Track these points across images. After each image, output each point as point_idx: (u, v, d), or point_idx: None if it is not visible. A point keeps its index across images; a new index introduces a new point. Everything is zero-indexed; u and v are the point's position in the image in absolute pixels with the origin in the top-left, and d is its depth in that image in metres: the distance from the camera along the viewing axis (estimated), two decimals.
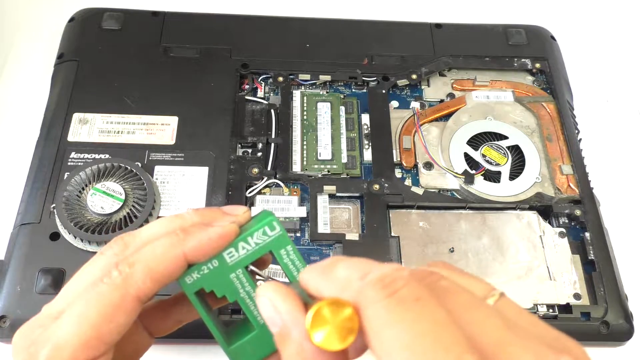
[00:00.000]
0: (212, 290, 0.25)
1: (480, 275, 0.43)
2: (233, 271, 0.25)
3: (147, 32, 0.54)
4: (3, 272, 0.41)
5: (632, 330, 0.42)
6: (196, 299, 0.25)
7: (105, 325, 0.22)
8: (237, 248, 0.24)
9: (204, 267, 0.24)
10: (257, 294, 0.23)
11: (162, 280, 0.23)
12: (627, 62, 0.62)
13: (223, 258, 0.24)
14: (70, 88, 0.49)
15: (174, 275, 0.24)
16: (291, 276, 0.25)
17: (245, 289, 0.25)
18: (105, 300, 0.22)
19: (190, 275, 0.24)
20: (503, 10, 0.64)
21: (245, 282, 0.25)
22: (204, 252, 0.24)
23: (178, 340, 0.42)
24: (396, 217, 0.45)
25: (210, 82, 0.51)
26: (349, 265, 0.21)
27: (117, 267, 0.23)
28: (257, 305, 0.23)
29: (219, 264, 0.24)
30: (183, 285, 0.24)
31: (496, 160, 0.49)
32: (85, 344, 0.22)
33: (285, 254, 0.25)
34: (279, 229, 0.25)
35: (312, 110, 0.51)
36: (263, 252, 0.25)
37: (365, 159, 0.49)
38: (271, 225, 0.25)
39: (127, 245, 0.24)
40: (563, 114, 0.51)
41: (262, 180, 0.46)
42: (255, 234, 0.25)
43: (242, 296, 0.25)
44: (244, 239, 0.24)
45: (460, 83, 0.54)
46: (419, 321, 0.18)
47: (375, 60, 0.54)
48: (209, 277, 0.24)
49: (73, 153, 0.46)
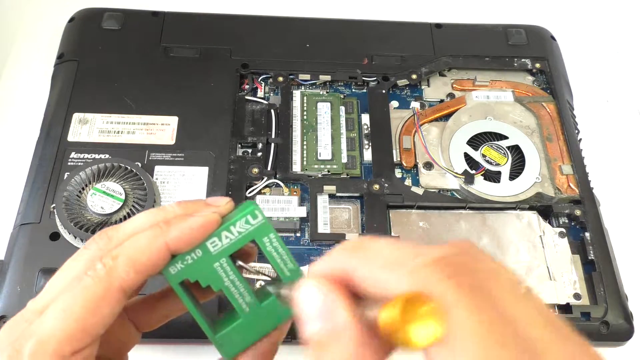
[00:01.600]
0: (196, 280, 0.25)
1: None
2: (217, 260, 0.25)
3: (147, 32, 0.54)
4: (3, 272, 0.41)
5: (632, 330, 0.42)
6: (181, 290, 0.25)
7: (89, 318, 0.22)
8: (220, 237, 0.25)
9: (187, 257, 0.24)
10: (299, 285, 0.20)
11: (146, 271, 0.23)
12: (627, 62, 0.62)
13: (206, 247, 0.25)
14: (70, 88, 0.49)
15: (158, 266, 0.24)
16: (275, 264, 0.25)
17: (229, 277, 0.25)
18: (89, 293, 0.22)
19: (174, 265, 0.24)
20: (503, 10, 0.64)
21: (229, 271, 0.25)
22: (186, 241, 0.24)
23: (176, 340, 0.42)
24: (396, 217, 0.45)
25: (210, 82, 0.51)
26: (393, 246, 0.19)
27: (101, 260, 0.23)
28: (298, 298, 0.20)
29: (202, 254, 0.25)
30: (167, 276, 0.25)
31: (496, 160, 0.49)
32: (69, 336, 0.22)
33: (268, 242, 0.25)
34: (261, 218, 0.25)
35: (312, 110, 0.51)
36: (246, 240, 0.25)
37: (365, 159, 0.49)
38: (253, 214, 0.25)
39: (111, 238, 0.24)
40: (563, 114, 0.51)
41: (262, 180, 0.46)
42: (238, 222, 0.25)
43: (226, 285, 0.25)
44: (227, 228, 0.25)
45: (460, 83, 0.54)
46: (481, 311, 0.17)
47: (375, 60, 0.54)
48: (192, 267, 0.25)
49: (73, 153, 0.46)
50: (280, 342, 0.26)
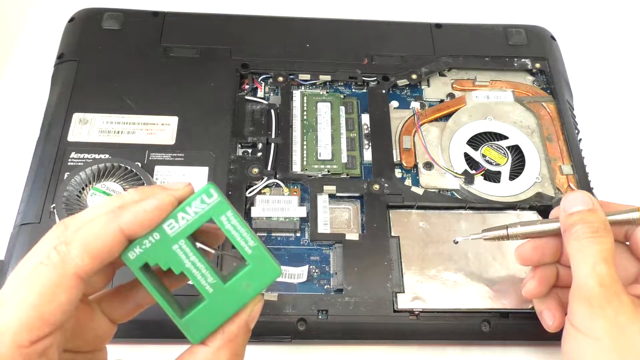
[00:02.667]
0: (157, 263, 0.25)
1: (480, 275, 0.43)
2: (175, 242, 0.25)
3: (147, 32, 0.54)
4: (3, 272, 0.41)
5: None
6: (142, 274, 0.25)
7: (46, 306, 0.22)
8: (176, 219, 0.25)
9: (145, 241, 0.24)
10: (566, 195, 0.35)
11: (101, 255, 0.23)
12: (627, 62, 0.62)
13: (163, 230, 0.25)
14: (70, 88, 0.49)
15: (114, 251, 0.24)
16: (235, 242, 0.25)
17: (190, 259, 0.25)
18: (43, 280, 0.22)
19: (133, 250, 0.24)
20: (503, 10, 0.64)
21: (189, 252, 0.25)
22: (141, 224, 0.24)
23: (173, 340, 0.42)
24: (396, 217, 0.45)
25: (210, 82, 0.51)
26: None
27: (56, 248, 0.23)
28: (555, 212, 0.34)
29: (160, 237, 0.25)
30: (126, 261, 0.25)
31: (496, 160, 0.49)
32: (26, 325, 0.22)
33: (226, 220, 0.25)
34: (217, 196, 0.25)
35: (312, 110, 0.51)
36: (203, 220, 0.25)
37: (365, 159, 0.49)
38: (208, 193, 0.25)
39: (67, 226, 0.24)
40: (563, 114, 0.51)
41: (262, 180, 0.46)
42: (193, 203, 0.25)
43: (187, 267, 0.25)
44: (182, 209, 0.25)
45: (460, 83, 0.54)
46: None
47: (375, 60, 0.54)
48: (151, 251, 0.25)
49: (73, 153, 0.46)
50: (251, 324, 0.26)
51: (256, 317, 0.26)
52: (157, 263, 0.25)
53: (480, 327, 0.42)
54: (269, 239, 0.45)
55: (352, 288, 0.42)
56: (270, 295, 0.41)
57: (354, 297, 0.41)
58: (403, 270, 0.43)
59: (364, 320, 0.41)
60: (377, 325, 0.41)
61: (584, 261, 0.32)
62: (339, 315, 0.41)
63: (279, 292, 0.42)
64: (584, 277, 0.32)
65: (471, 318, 0.42)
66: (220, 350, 0.25)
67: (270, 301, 0.41)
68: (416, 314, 0.42)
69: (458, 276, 0.43)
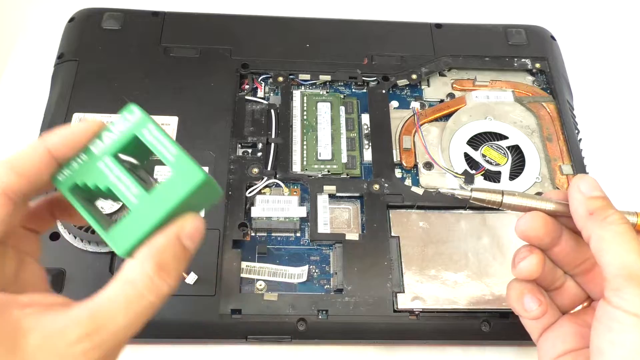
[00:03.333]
0: (85, 183, 0.26)
1: (480, 275, 0.43)
2: (100, 159, 0.26)
3: (147, 32, 0.54)
4: None
5: None
6: (71, 195, 0.26)
7: None
8: (102, 139, 0.26)
9: (74, 163, 0.26)
10: (573, 182, 0.32)
11: (28, 174, 0.25)
12: (627, 62, 0.62)
13: (90, 151, 0.26)
14: (70, 88, 0.49)
15: (42, 171, 0.25)
16: (158, 152, 0.26)
17: (114, 173, 0.26)
18: None
19: (62, 173, 0.26)
20: (503, 10, 0.64)
21: (114, 167, 0.26)
22: (68, 144, 0.26)
23: (173, 340, 0.42)
24: (396, 217, 0.45)
25: (210, 82, 0.51)
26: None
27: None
28: (571, 193, 0.32)
29: (88, 157, 0.26)
30: (57, 184, 0.26)
31: (496, 160, 0.49)
32: None
33: (148, 133, 0.26)
34: (139, 112, 0.26)
35: (312, 110, 0.51)
36: (128, 137, 0.26)
37: (365, 159, 0.49)
38: (130, 110, 0.26)
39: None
40: (563, 114, 0.51)
41: (262, 180, 0.46)
42: (117, 121, 0.26)
43: (112, 181, 0.26)
44: (107, 128, 0.26)
45: (460, 83, 0.54)
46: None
47: (375, 60, 0.54)
48: (79, 171, 0.26)
49: None
50: (187, 241, 0.25)
51: (194, 235, 0.26)
52: (85, 182, 0.26)
53: (480, 327, 0.42)
54: (269, 239, 0.45)
55: (352, 288, 0.42)
56: (270, 295, 0.41)
57: (354, 297, 0.41)
58: (403, 270, 0.43)
59: (364, 320, 0.41)
60: (377, 325, 0.41)
61: (629, 244, 0.30)
62: (339, 315, 0.41)
63: (279, 292, 0.42)
64: (634, 260, 0.30)
65: (471, 318, 0.42)
66: (146, 261, 0.24)
67: (270, 301, 0.41)
68: (416, 314, 0.42)
69: (458, 276, 0.43)
